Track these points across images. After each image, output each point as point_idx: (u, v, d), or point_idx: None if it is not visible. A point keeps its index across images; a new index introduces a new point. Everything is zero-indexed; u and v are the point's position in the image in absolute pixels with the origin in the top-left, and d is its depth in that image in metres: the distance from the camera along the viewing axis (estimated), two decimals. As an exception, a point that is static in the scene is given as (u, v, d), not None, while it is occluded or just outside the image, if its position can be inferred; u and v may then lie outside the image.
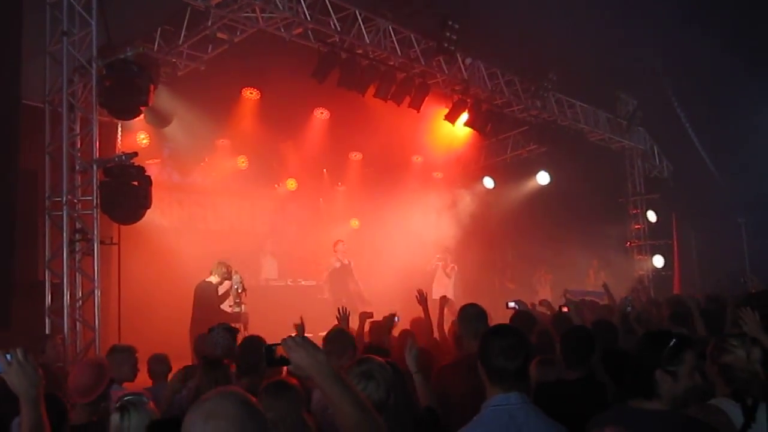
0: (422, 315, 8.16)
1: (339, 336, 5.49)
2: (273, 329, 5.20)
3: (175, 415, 3.47)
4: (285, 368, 5.18)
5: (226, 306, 11.15)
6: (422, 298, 8.26)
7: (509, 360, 3.36)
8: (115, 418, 3.61)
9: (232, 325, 6.92)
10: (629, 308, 8.66)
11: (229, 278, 11.25)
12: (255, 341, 5.67)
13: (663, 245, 20.38)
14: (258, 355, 5.45)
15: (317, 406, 4.33)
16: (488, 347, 3.44)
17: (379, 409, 3.37)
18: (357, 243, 16.35)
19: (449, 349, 6.77)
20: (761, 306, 5.50)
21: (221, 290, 11.45)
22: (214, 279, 11.39)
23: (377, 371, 3.50)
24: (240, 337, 6.44)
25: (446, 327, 7.99)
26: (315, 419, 3.95)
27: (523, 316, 7.19)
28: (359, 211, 17.15)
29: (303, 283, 15.07)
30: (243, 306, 11.45)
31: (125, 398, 3.72)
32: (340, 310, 7.10)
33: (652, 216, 20.31)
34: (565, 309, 7.98)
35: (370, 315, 7.70)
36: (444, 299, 8.92)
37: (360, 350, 5.71)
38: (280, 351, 2.60)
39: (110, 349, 6.49)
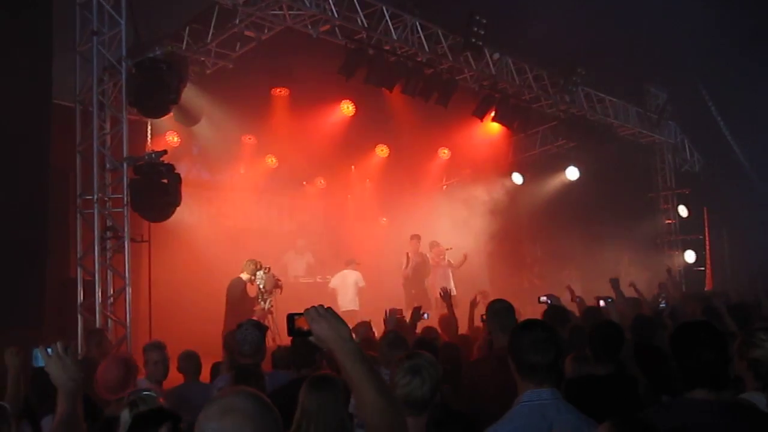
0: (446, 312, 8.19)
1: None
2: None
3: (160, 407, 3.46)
4: None
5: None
6: (446, 295, 8.26)
7: (540, 354, 3.34)
8: (125, 414, 3.64)
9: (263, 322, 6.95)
10: (663, 304, 8.59)
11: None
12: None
13: (694, 240, 20.17)
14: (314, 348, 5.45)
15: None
16: (519, 342, 3.42)
17: (421, 407, 3.36)
18: (385, 240, 16.34)
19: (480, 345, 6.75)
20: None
21: (252, 288, 11.56)
22: (244, 276, 11.48)
23: (425, 367, 3.46)
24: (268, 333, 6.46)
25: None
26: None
27: (555, 310, 7.14)
28: (387, 207, 17.13)
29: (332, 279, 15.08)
30: (267, 303, 11.53)
31: (136, 395, 3.74)
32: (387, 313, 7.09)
33: (683, 211, 20.09)
34: (602, 303, 7.93)
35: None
36: (475, 298, 8.87)
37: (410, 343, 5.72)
38: (302, 321, 2.50)
39: (144, 347, 6.51)
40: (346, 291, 14.21)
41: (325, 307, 2.48)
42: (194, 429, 2.06)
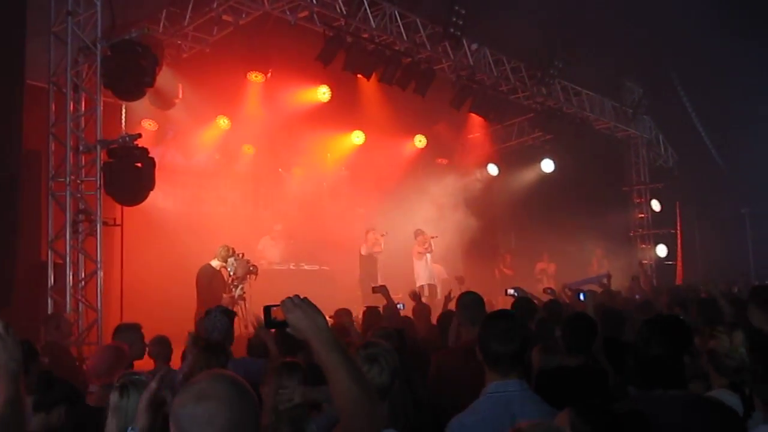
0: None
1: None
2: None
3: None
4: None
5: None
6: (416, 297, 8.33)
7: (504, 344, 3.38)
8: (114, 396, 3.61)
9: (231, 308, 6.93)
10: (637, 296, 8.69)
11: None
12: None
13: (666, 235, 20.37)
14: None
15: None
16: (485, 332, 3.47)
17: (381, 395, 3.37)
18: (361, 228, 16.33)
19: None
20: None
21: (225, 274, 11.51)
22: (215, 263, 11.43)
23: (382, 355, 3.48)
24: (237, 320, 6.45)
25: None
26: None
27: (522, 302, 7.19)
28: (363, 196, 17.10)
29: (306, 267, 15.03)
30: (238, 289, 11.48)
31: (125, 378, 3.72)
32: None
33: (656, 205, 20.28)
34: (581, 296, 8.00)
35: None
36: (449, 293, 8.90)
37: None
38: (278, 312, 2.47)
39: (117, 327, 6.49)
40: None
41: (301, 296, 2.47)
42: (169, 415, 2.04)
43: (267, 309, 2.56)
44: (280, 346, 5.57)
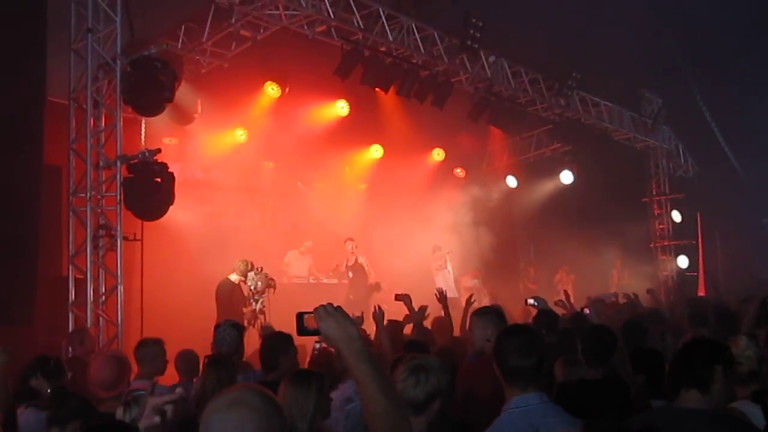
0: (441, 314, 8.15)
1: None
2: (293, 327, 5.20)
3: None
4: None
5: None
6: (442, 297, 8.22)
7: (522, 358, 3.37)
8: (118, 413, 3.63)
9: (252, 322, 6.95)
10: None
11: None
12: (278, 338, 5.74)
13: (687, 246, 20.20)
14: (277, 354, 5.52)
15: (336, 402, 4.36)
16: (502, 347, 3.47)
17: (415, 409, 3.31)
18: (373, 240, 16.31)
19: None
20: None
21: (245, 289, 11.54)
22: (233, 277, 11.45)
23: (426, 371, 3.36)
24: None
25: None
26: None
27: (545, 314, 7.14)
28: (379, 208, 17.09)
29: (325, 281, 15.03)
30: (258, 303, 11.50)
31: (131, 393, 3.74)
32: (376, 308, 7.01)
33: (676, 216, 20.13)
34: (586, 310, 7.95)
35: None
36: (470, 297, 8.83)
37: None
38: (310, 320, 2.50)
39: (141, 342, 6.51)
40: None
41: (335, 306, 2.48)
42: (200, 421, 2.08)
43: (300, 315, 2.58)
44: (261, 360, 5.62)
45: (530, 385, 3.35)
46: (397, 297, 7.93)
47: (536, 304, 8.11)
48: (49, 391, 5.19)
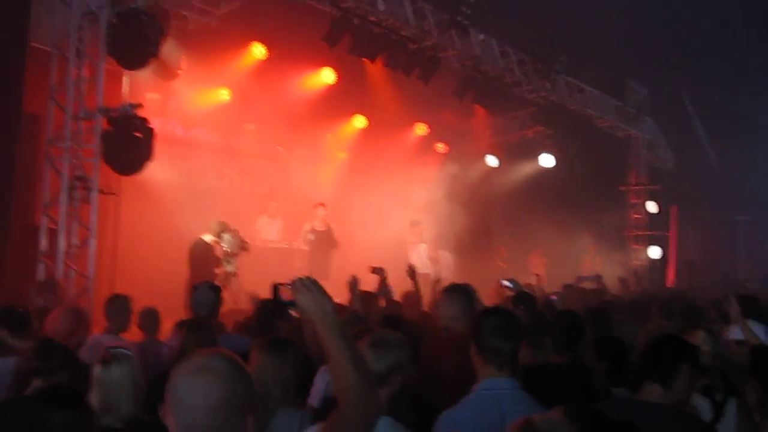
0: (411, 289, 8.18)
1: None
2: (266, 291, 5.19)
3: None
4: None
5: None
6: (411, 272, 8.26)
7: (504, 339, 3.41)
8: (96, 369, 3.62)
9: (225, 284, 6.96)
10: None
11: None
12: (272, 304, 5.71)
13: (660, 237, 20.39)
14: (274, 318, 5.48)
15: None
16: (483, 326, 3.47)
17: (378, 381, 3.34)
18: (351, 210, 16.31)
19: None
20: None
21: (218, 250, 11.51)
22: (207, 237, 11.42)
23: (385, 344, 3.43)
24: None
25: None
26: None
27: (524, 297, 7.16)
28: (358, 179, 17.07)
29: (300, 246, 15.00)
30: (231, 265, 11.49)
31: (110, 350, 3.72)
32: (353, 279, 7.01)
33: (652, 207, 20.28)
34: (553, 297, 8.02)
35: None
36: (440, 278, 8.88)
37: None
38: (286, 291, 2.53)
39: (112, 296, 6.52)
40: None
41: (312, 278, 2.49)
42: (167, 385, 2.07)
43: (276, 287, 2.60)
44: (255, 324, 5.59)
45: (506, 366, 3.39)
46: (373, 270, 7.96)
47: (511, 285, 8.17)
48: (9, 340, 5.14)
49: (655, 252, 20.18)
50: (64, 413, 3.16)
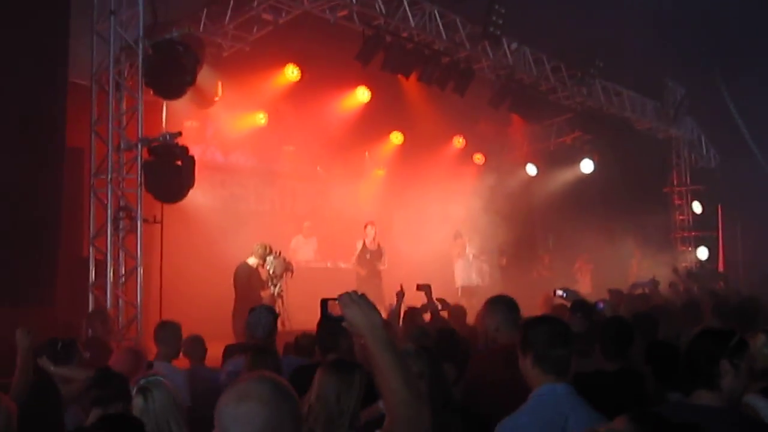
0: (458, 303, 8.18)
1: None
2: (310, 311, 5.20)
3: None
4: None
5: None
6: (425, 288, 8.22)
7: (562, 347, 3.40)
8: (138, 401, 3.66)
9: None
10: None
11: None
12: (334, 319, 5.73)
13: (708, 237, 20.06)
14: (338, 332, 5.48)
15: None
16: (538, 335, 3.45)
17: None
18: (392, 226, 16.31)
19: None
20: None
21: (263, 272, 11.57)
22: (252, 260, 11.50)
23: (410, 357, 3.47)
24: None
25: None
26: None
27: (581, 305, 7.07)
28: (398, 195, 17.09)
29: (342, 265, 15.04)
30: (276, 287, 11.54)
31: (143, 381, 3.77)
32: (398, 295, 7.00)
33: (697, 207, 19.98)
34: (600, 304, 7.93)
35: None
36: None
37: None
38: (335, 306, 2.52)
39: (162, 323, 6.60)
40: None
41: (359, 293, 2.49)
42: (215, 412, 2.09)
43: (324, 302, 2.61)
44: (319, 341, 5.56)
45: (563, 373, 3.38)
46: (419, 287, 7.97)
47: (565, 295, 8.08)
48: (52, 369, 5.22)
49: (703, 253, 19.85)
50: None
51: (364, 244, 14.11)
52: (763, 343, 4.01)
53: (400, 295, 7.08)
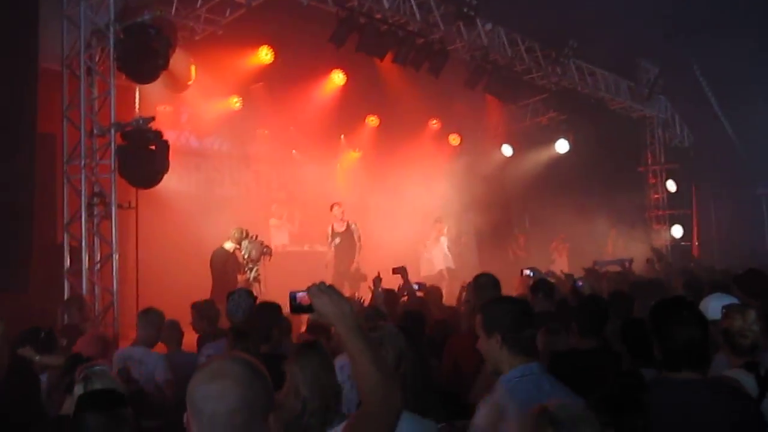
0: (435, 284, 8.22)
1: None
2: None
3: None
4: None
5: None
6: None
7: (529, 327, 3.43)
8: (78, 387, 3.66)
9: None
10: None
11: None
12: (266, 308, 5.77)
13: (682, 215, 20.23)
14: (270, 323, 5.53)
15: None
16: (504, 316, 3.45)
17: None
18: (368, 209, 16.33)
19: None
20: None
21: (239, 257, 11.55)
22: (228, 245, 11.47)
23: (387, 339, 3.48)
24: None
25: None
26: None
27: (543, 283, 7.16)
28: (374, 177, 17.09)
29: (320, 248, 15.03)
30: (252, 272, 11.52)
31: (87, 370, 3.76)
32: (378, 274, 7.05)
33: (671, 186, 20.13)
34: (579, 282, 8.02)
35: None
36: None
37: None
38: (303, 298, 2.55)
39: (147, 309, 6.58)
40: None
41: (327, 284, 2.53)
42: (186, 393, 2.10)
43: (293, 294, 2.64)
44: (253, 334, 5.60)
45: (532, 354, 3.41)
46: (395, 270, 8.01)
47: (532, 274, 8.20)
48: (38, 358, 5.22)
49: (677, 231, 20.03)
50: (99, 416, 3.29)
51: (332, 228, 13.85)
52: (752, 319, 4.03)
53: (378, 281, 7.11)
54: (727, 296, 5.02)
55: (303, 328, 6.60)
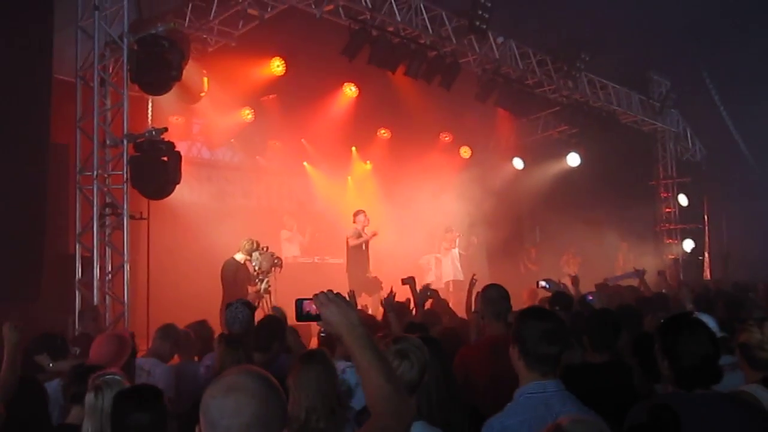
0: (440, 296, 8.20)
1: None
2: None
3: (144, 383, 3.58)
4: None
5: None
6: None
7: (551, 345, 3.29)
8: (89, 397, 3.66)
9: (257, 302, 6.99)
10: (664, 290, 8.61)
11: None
12: (273, 321, 5.78)
13: (694, 230, 20.15)
14: (272, 335, 5.55)
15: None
16: (528, 331, 3.35)
17: (410, 389, 3.35)
18: (379, 221, 16.31)
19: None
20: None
21: (250, 268, 11.55)
22: (239, 256, 11.48)
23: (413, 350, 3.45)
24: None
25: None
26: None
27: (561, 297, 7.10)
28: (385, 189, 17.10)
29: (330, 260, 15.04)
30: (263, 283, 11.52)
31: (99, 378, 3.75)
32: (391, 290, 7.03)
33: (683, 200, 20.06)
34: (589, 296, 7.97)
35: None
36: (472, 278, 8.83)
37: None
38: (310, 306, 2.49)
39: (165, 325, 6.55)
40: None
41: (334, 292, 2.47)
42: (200, 405, 2.07)
43: (299, 302, 2.59)
44: (253, 342, 5.61)
45: (551, 372, 3.29)
46: (404, 281, 7.97)
47: (548, 286, 8.14)
48: (50, 365, 5.24)
49: (689, 245, 19.94)
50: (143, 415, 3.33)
51: (361, 236, 13.45)
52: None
53: (390, 299, 7.08)
54: (706, 315, 4.91)
55: (312, 339, 6.59)
